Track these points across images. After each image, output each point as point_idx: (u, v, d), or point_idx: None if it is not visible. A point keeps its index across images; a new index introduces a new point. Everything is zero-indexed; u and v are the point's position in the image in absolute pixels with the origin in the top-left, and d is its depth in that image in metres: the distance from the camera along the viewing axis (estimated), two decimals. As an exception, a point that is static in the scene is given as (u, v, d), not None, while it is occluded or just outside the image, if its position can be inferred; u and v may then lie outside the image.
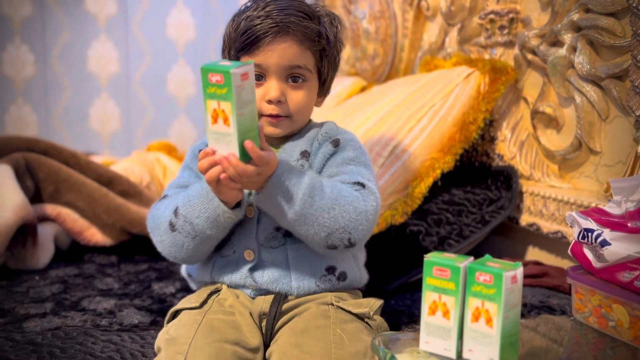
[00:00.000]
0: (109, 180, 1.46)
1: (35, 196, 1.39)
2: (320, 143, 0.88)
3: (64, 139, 2.75)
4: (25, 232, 1.26)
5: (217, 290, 0.87)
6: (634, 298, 0.78)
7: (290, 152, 0.88)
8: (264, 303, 0.84)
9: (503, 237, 1.36)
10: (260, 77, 0.84)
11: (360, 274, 0.91)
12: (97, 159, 1.78)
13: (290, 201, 0.77)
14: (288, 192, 0.77)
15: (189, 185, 0.86)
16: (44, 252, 1.30)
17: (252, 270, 0.85)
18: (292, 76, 0.85)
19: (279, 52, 0.83)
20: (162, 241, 0.86)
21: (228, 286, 0.87)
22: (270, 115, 0.85)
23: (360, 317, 0.83)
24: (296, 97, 0.85)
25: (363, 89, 1.81)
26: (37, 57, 2.75)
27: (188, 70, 2.87)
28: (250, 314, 0.83)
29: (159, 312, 1.03)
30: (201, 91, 0.77)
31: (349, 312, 0.83)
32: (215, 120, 0.70)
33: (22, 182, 1.35)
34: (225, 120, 0.70)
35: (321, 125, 0.91)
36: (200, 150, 0.92)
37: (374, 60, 1.86)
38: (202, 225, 0.80)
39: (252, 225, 0.85)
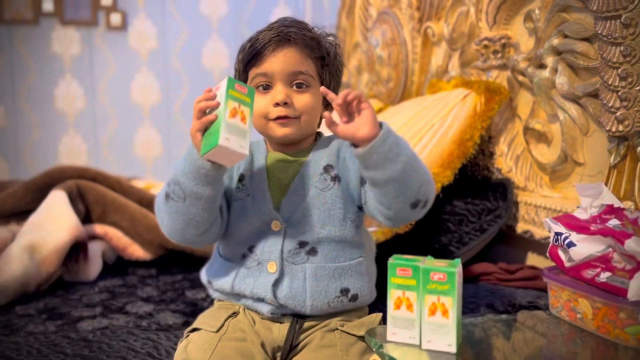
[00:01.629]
0: (149, 202, 1.62)
1: (85, 217, 1.57)
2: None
3: (111, 165, 2.99)
4: (78, 249, 1.43)
5: (235, 313, 0.90)
6: (595, 292, 0.87)
7: (315, 165, 0.91)
8: (279, 335, 0.87)
9: (503, 244, 1.46)
10: (267, 86, 0.90)
11: (370, 295, 0.94)
12: (139, 183, 1.97)
13: (400, 155, 0.80)
14: (400, 140, 0.81)
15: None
16: (94, 266, 1.46)
17: (274, 284, 0.88)
18: (297, 83, 0.89)
19: (281, 59, 0.88)
20: (162, 218, 0.89)
21: (248, 296, 0.90)
22: (279, 117, 0.89)
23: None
24: (302, 99, 0.89)
25: (380, 111, 1.95)
26: (86, 91, 2.99)
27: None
28: (263, 345, 0.86)
29: (191, 314, 1.18)
30: None
31: (353, 335, 0.87)
32: (233, 115, 0.80)
33: (75, 205, 1.52)
34: (243, 119, 0.80)
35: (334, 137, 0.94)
36: None
37: (388, 83, 2.00)
38: (188, 183, 0.83)
39: (279, 239, 0.89)
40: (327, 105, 0.97)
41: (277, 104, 0.89)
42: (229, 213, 0.93)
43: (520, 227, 1.35)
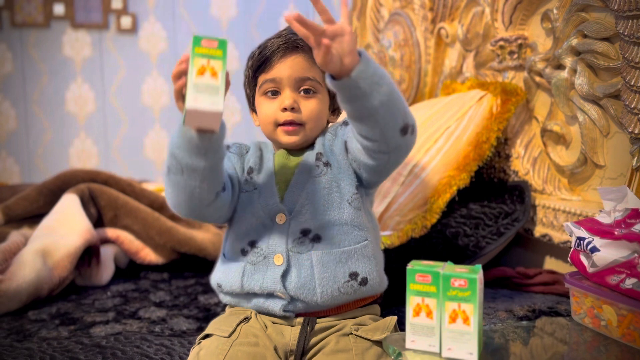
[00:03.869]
0: (161, 206, 1.62)
1: (97, 221, 1.57)
2: (333, 134, 0.95)
3: (122, 168, 2.99)
4: (90, 253, 1.42)
5: (246, 318, 0.90)
6: (620, 299, 0.85)
7: (311, 157, 0.94)
8: (291, 338, 0.87)
9: (522, 248, 1.43)
10: (276, 92, 0.92)
11: (380, 280, 0.94)
12: (151, 186, 1.96)
13: (384, 77, 0.79)
14: (379, 69, 0.79)
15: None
16: (106, 271, 1.46)
17: (283, 275, 0.88)
18: (304, 88, 0.92)
19: (289, 65, 0.91)
20: (167, 191, 0.89)
21: (258, 293, 0.90)
22: (285, 123, 0.91)
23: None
24: (309, 105, 0.92)
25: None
26: (97, 94, 3.00)
27: (233, 100, 3.07)
28: (275, 349, 0.86)
29: (204, 319, 1.17)
30: (249, 123, 0.88)
31: (368, 339, 0.86)
32: (201, 73, 0.76)
33: (87, 209, 1.52)
34: (214, 75, 0.76)
35: (323, 130, 0.97)
36: (228, 146, 0.98)
37: (401, 85, 1.98)
38: (182, 155, 0.82)
39: (283, 231, 0.90)
40: (333, 110, 0.99)
41: (285, 109, 0.91)
42: (237, 202, 0.95)
43: (539, 231, 1.32)
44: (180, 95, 0.80)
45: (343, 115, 1.03)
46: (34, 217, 1.56)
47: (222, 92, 0.76)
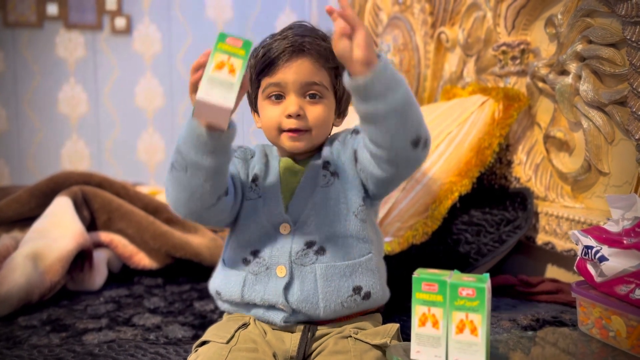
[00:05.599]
0: (155, 209, 1.59)
1: (90, 224, 1.53)
2: (342, 142, 0.93)
3: (114, 171, 2.95)
4: (82, 257, 1.39)
5: (245, 324, 0.89)
6: (630, 309, 0.83)
7: (317, 166, 0.92)
8: (292, 344, 0.86)
9: (523, 255, 1.42)
10: (280, 96, 0.89)
11: (382, 293, 0.93)
12: (144, 189, 1.93)
13: (401, 84, 0.78)
14: (397, 75, 0.77)
15: None
16: (99, 275, 1.42)
17: (285, 287, 0.87)
18: (310, 93, 0.89)
19: (295, 69, 0.88)
20: (167, 189, 0.88)
21: (259, 304, 0.89)
22: (290, 130, 0.89)
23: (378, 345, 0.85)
24: (315, 111, 0.89)
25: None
26: (89, 96, 2.96)
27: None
28: (275, 355, 0.84)
29: (200, 327, 1.14)
30: (242, 124, 0.87)
31: (367, 343, 0.85)
32: (220, 68, 0.75)
33: (80, 212, 1.49)
34: (232, 72, 0.75)
35: (330, 137, 0.96)
36: (233, 150, 0.95)
37: (399, 89, 1.96)
38: (188, 151, 0.81)
39: (288, 242, 0.88)
40: (339, 114, 0.97)
41: (289, 116, 0.88)
42: (240, 209, 0.93)
43: (541, 239, 1.30)
44: (195, 88, 0.79)
45: (347, 121, 1.01)
46: (25, 220, 1.52)
47: (236, 89, 0.75)
